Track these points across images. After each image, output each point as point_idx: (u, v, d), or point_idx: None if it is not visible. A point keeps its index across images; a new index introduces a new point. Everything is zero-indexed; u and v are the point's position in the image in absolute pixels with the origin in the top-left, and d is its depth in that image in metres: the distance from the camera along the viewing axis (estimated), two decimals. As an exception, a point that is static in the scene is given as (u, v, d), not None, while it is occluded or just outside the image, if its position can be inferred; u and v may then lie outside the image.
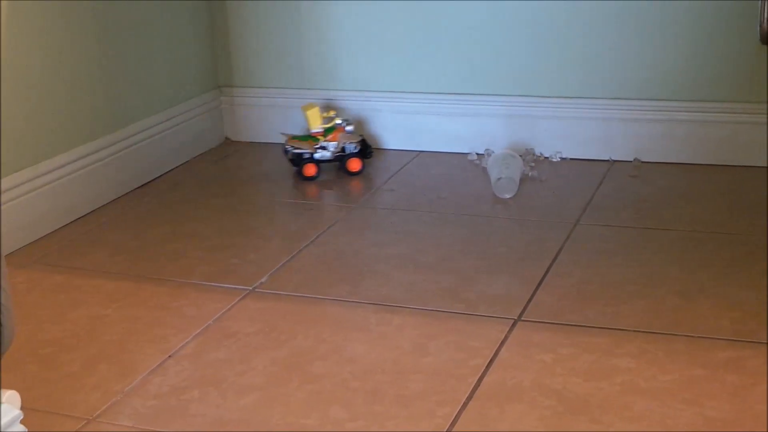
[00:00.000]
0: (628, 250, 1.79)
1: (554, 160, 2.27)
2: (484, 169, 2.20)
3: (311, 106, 2.28)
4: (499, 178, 2.06)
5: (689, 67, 2.18)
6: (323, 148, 2.23)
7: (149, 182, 2.26)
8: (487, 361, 1.43)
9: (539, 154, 2.29)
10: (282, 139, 2.30)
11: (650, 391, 1.33)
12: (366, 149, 2.26)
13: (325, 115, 2.28)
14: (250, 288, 1.70)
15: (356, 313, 1.60)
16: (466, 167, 2.28)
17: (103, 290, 1.71)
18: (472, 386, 1.36)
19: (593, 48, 2.23)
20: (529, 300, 1.61)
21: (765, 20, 1.71)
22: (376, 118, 2.43)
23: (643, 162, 2.23)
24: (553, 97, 2.28)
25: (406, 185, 2.19)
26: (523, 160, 2.20)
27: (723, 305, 1.56)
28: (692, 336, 1.47)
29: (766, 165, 2.16)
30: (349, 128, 2.27)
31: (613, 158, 2.26)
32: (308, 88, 2.47)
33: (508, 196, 2.06)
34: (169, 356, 1.48)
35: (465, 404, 1.32)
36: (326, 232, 1.93)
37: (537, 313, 1.57)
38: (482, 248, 1.83)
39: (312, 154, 2.23)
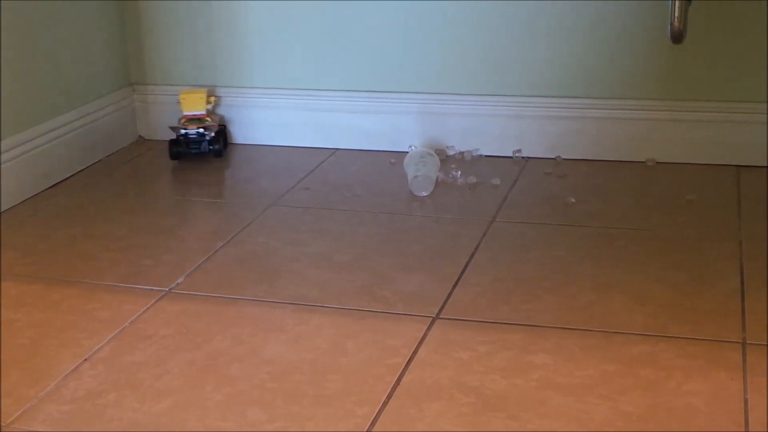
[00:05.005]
0: (543, 247, 1.81)
1: (468, 158, 2.28)
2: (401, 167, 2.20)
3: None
4: (415, 176, 2.07)
5: (601, 65, 2.21)
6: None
7: (59, 182, 2.22)
8: (406, 359, 1.43)
9: (456, 152, 2.31)
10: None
11: (566, 386, 1.35)
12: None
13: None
14: (167, 289, 1.68)
15: (273, 314, 1.59)
16: (382, 165, 2.28)
17: (11, 294, 1.67)
18: (391, 385, 1.37)
19: (506, 46, 2.24)
20: (447, 298, 1.62)
21: (675, 19, 1.74)
22: (290, 115, 2.41)
23: (560, 159, 2.26)
24: (466, 94, 2.30)
25: (321, 183, 2.18)
26: (441, 158, 2.21)
27: (635, 300, 1.59)
28: (606, 331, 1.49)
29: (676, 161, 2.21)
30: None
31: (527, 155, 2.29)
32: (221, 86, 2.45)
33: (424, 193, 2.07)
34: (85, 360, 1.45)
35: (385, 403, 1.32)
36: (242, 232, 1.92)
37: (454, 311, 1.57)
38: (399, 246, 1.83)
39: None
